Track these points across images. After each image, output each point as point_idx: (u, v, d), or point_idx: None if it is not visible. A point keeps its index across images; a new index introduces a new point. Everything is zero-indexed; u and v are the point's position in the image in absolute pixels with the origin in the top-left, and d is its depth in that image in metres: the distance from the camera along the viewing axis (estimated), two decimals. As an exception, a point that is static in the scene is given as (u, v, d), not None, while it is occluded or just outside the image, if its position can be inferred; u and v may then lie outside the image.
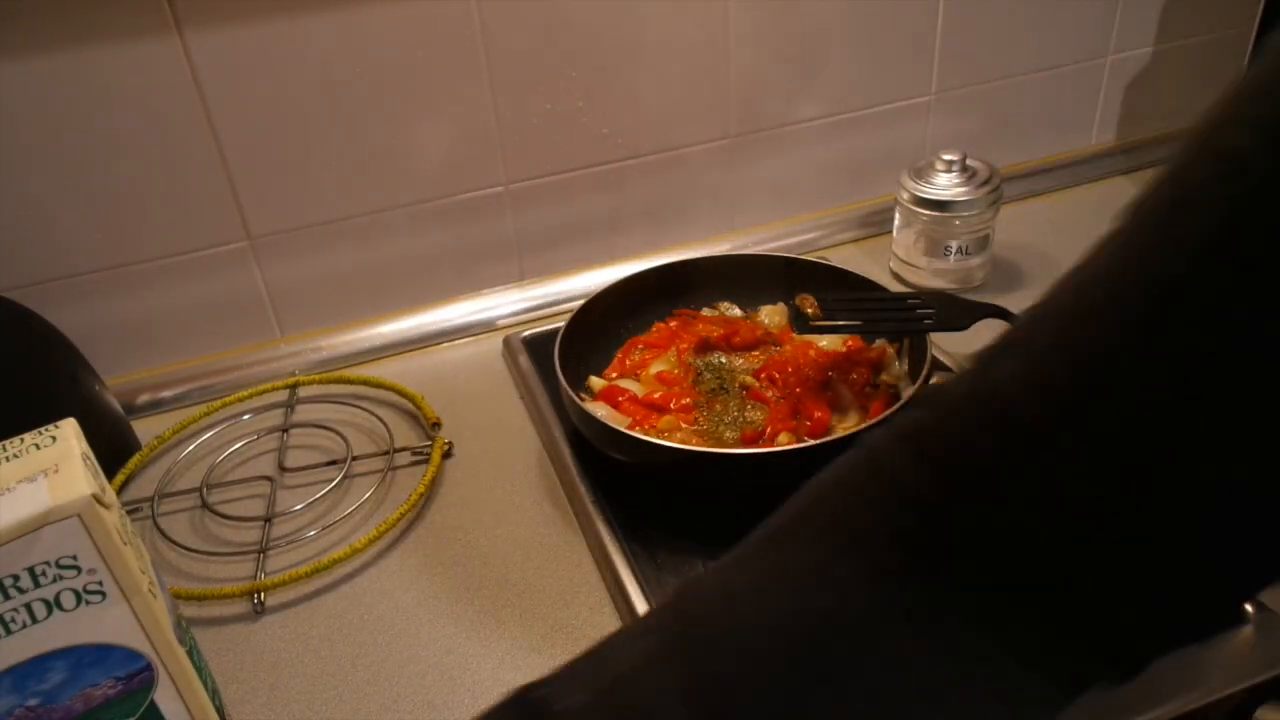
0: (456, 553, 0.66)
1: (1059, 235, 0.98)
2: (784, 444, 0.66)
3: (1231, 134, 0.26)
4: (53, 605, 0.41)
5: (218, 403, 0.81)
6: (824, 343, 0.78)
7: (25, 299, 0.74)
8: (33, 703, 0.42)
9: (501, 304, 0.93)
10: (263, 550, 0.66)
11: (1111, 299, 0.28)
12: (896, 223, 0.92)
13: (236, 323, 0.87)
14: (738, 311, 0.84)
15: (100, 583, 0.42)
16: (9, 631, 0.41)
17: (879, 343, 0.77)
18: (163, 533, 0.69)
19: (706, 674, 0.30)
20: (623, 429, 0.65)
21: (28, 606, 0.41)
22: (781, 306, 0.83)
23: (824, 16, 0.91)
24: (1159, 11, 1.05)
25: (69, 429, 0.44)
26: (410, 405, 0.80)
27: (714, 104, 0.92)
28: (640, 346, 0.79)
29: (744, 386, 0.73)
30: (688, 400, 0.72)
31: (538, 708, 0.32)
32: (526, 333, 0.87)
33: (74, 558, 0.41)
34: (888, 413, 0.63)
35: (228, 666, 0.58)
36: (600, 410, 0.70)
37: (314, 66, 0.78)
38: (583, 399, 0.70)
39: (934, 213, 0.87)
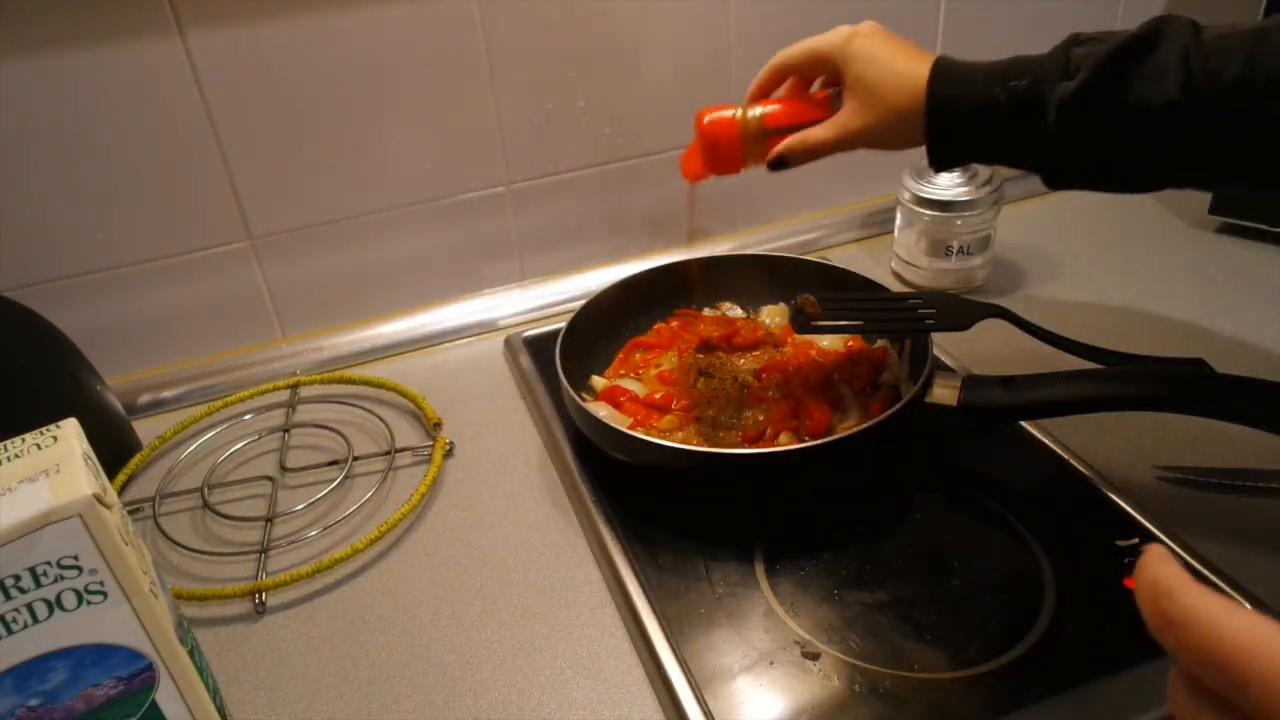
0: (458, 553, 0.66)
1: (1060, 235, 0.98)
2: (785, 444, 0.66)
3: None
4: (54, 605, 0.41)
5: (219, 403, 0.81)
6: (825, 343, 0.78)
7: (26, 299, 0.74)
8: (34, 703, 0.42)
9: (502, 304, 0.93)
10: (264, 550, 0.66)
11: None
12: (898, 223, 0.92)
13: (238, 323, 0.87)
14: (739, 311, 0.84)
15: (101, 583, 0.42)
16: (10, 631, 0.41)
17: (880, 343, 0.77)
18: (164, 533, 0.69)
19: None
20: (624, 429, 0.65)
21: (29, 606, 0.41)
22: (782, 307, 0.83)
23: (824, 16, 0.91)
24: (1160, 11, 1.05)
25: (70, 429, 0.44)
26: (411, 405, 0.80)
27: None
28: (641, 347, 0.79)
29: (745, 386, 0.73)
30: (689, 400, 0.72)
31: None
32: (528, 333, 0.87)
33: (75, 558, 0.41)
34: (888, 413, 0.63)
35: (229, 666, 0.58)
36: (601, 410, 0.70)
37: (316, 66, 0.78)
38: (584, 399, 0.70)
39: (935, 213, 0.87)
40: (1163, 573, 0.27)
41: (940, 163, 0.63)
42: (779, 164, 0.66)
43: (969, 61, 0.61)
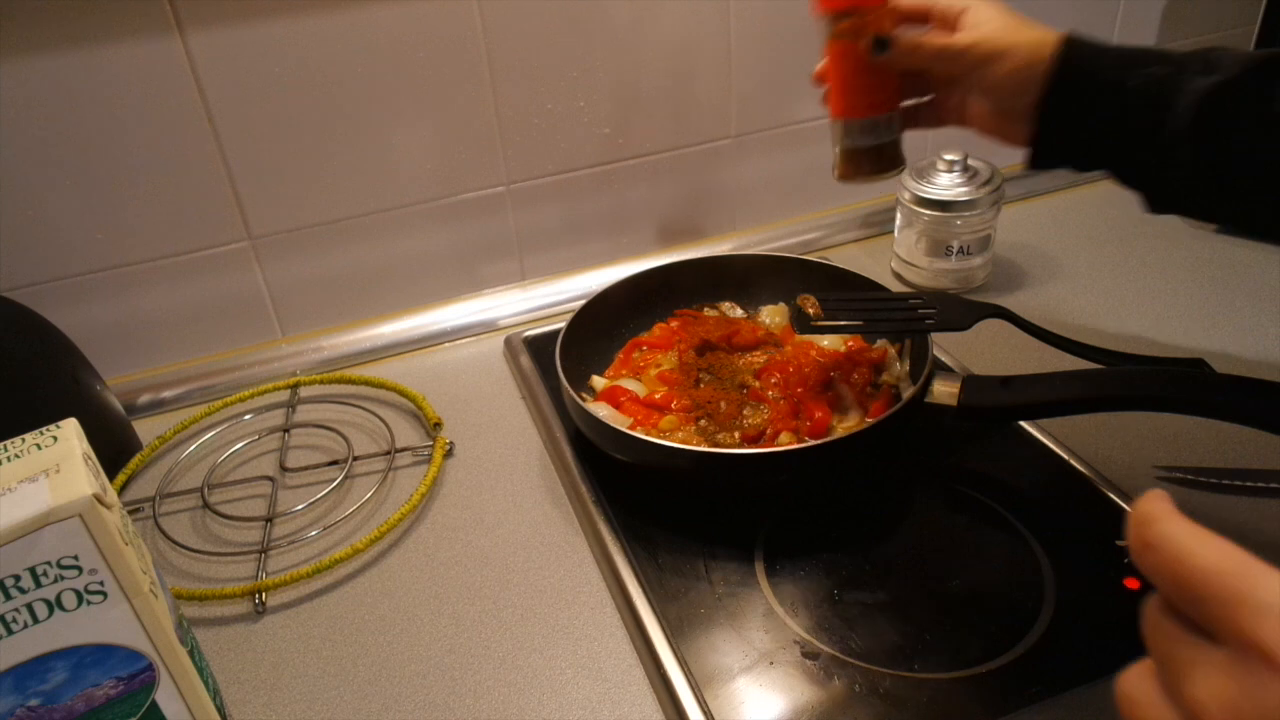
0: (458, 553, 0.66)
1: (1060, 235, 0.98)
2: (785, 444, 0.66)
3: None
4: (54, 605, 0.41)
5: (219, 403, 0.81)
6: (825, 343, 0.78)
7: (26, 299, 0.74)
8: (34, 703, 0.42)
9: (503, 304, 0.93)
10: (264, 550, 0.66)
11: None
12: (898, 223, 0.92)
13: (238, 323, 0.87)
14: (739, 311, 0.84)
15: (101, 583, 0.42)
16: (10, 632, 0.40)
17: (880, 343, 0.77)
18: (164, 533, 0.69)
19: None
20: (624, 429, 0.65)
21: (29, 607, 0.41)
22: (783, 306, 0.83)
23: (825, 16, 0.91)
24: (1161, 11, 1.05)
25: (70, 429, 0.44)
26: (411, 405, 0.80)
27: (714, 103, 0.92)
28: (642, 346, 0.79)
29: (745, 386, 0.73)
30: (689, 400, 0.72)
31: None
32: (528, 332, 0.87)
33: (75, 558, 0.41)
34: (888, 413, 0.63)
35: (229, 666, 0.58)
36: (602, 410, 0.70)
37: (315, 66, 0.78)
38: (584, 399, 0.70)
39: (935, 213, 0.87)
40: (1150, 506, 0.30)
41: (1044, 146, 0.58)
42: (881, 46, 0.61)
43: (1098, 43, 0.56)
